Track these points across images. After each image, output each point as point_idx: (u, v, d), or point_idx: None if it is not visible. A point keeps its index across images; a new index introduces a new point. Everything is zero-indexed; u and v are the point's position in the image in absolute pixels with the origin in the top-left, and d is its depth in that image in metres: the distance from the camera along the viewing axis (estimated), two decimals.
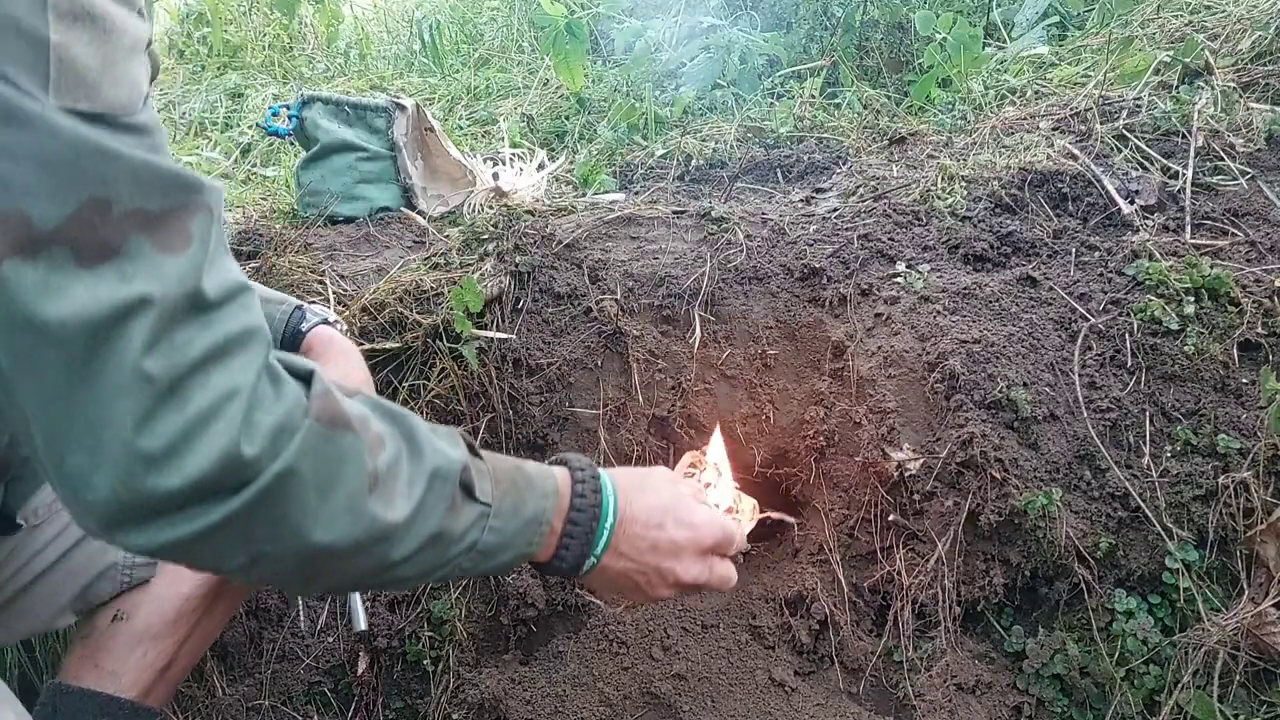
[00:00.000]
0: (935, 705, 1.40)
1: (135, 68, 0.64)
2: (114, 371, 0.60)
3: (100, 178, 0.60)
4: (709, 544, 0.98)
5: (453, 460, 0.77)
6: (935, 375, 1.49)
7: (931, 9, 2.56)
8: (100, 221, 0.60)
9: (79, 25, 0.59)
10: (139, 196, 0.62)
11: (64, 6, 0.58)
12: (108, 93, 0.61)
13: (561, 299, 1.63)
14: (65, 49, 0.58)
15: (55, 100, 0.58)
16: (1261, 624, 1.34)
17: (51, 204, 0.58)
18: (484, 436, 1.55)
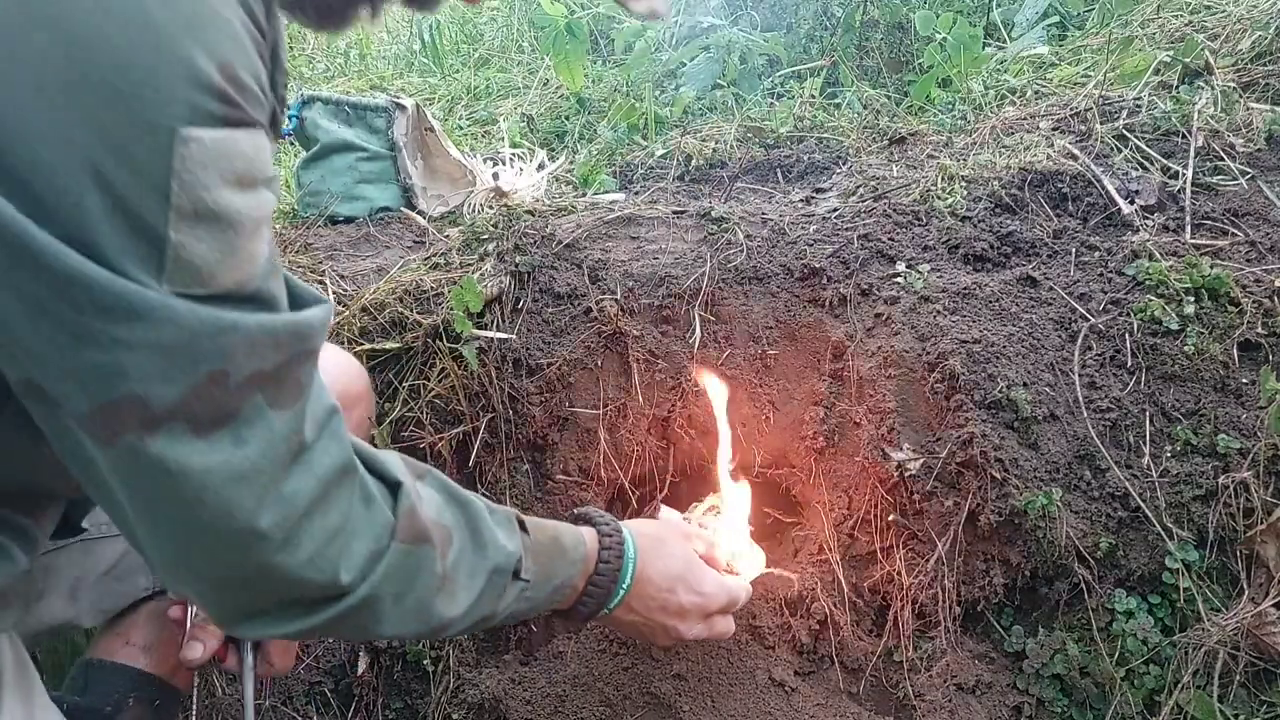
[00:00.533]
0: (935, 705, 1.40)
1: (256, 245, 0.63)
2: (227, 528, 0.65)
3: (218, 352, 0.61)
4: (714, 610, 1.13)
5: (510, 554, 0.88)
6: (935, 375, 1.49)
7: (931, 9, 2.56)
8: (218, 392, 0.62)
9: (200, 224, 0.59)
10: (255, 360, 0.63)
11: (187, 207, 0.58)
12: (223, 278, 0.61)
13: (561, 299, 1.63)
14: (183, 247, 0.58)
15: (168, 287, 0.58)
16: (1261, 624, 1.34)
17: (168, 386, 0.60)
18: (484, 437, 1.55)
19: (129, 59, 0.54)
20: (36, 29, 0.52)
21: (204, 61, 0.57)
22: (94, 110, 0.54)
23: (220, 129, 0.59)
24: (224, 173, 0.59)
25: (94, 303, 0.56)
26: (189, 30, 0.56)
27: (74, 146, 0.54)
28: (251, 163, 0.62)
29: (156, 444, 0.60)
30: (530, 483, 1.59)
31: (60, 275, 0.54)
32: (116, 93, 0.54)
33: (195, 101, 0.57)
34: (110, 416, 0.59)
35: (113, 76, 0.54)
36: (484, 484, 1.58)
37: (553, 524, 1.01)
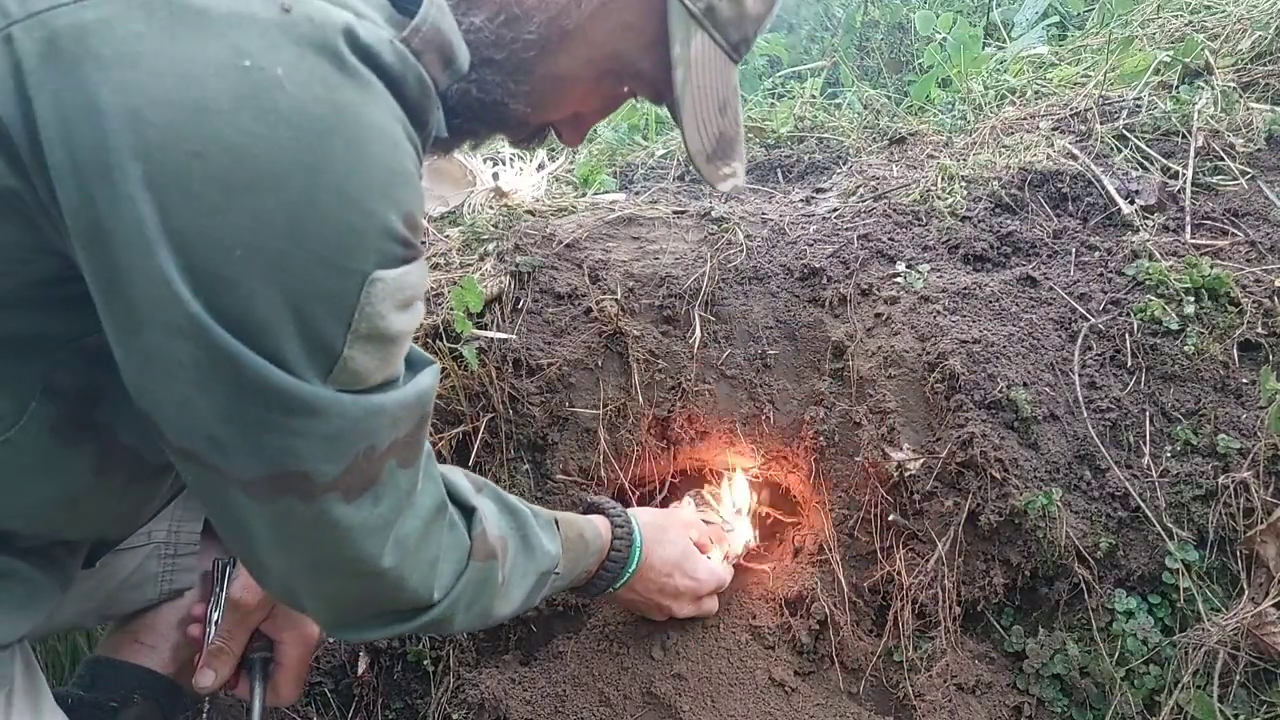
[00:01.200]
0: (935, 705, 1.40)
1: (403, 348, 0.74)
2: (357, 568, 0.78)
3: (370, 432, 0.72)
4: (705, 593, 1.35)
5: (554, 558, 1.05)
6: (935, 375, 1.49)
7: (931, 9, 2.56)
8: (366, 464, 0.73)
9: (371, 343, 0.69)
10: (394, 431, 0.74)
11: (363, 331, 0.68)
12: (376, 377, 0.71)
13: (561, 299, 1.63)
14: (353, 360, 0.68)
15: (333, 385, 0.68)
16: (1261, 624, 1.34)
17: (330, 464, 0.71)
18: (484, 437, 1.55)
19: (337, 220, 0.64)
20: (266, 191, 0.61)
21: (394, 218, 0.67)
22: (301, 258, 0.63)
23: (400, 267, 0.69)
24: (396, 301, 0.69)
25: (279, 402, 0.66)
26: (385, 192, 0.66)
27: (279, 288, 0.63)
28: (415, 288, 0.72)
29: (311, 509, 0.72)
30: (530, 483, 1.59)
31: (255, 381, 0.65)
32: (324, 246, 0.64)
33: (385, 249, 0.67)
34: (277, 484, 0.70)
35: (323, 233, 0.63)
36: None
37: (577, 520, 1.16)
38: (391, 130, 0.66)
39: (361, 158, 0.64)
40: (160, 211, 0.59)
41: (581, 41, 0.83)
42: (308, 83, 0.61)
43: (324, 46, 0.62)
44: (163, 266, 0.60)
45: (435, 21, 0.71)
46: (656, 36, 0.83)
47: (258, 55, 0.60)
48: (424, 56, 0.69)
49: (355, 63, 0.63)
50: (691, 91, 0.84)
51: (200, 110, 0.59)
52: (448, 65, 0.74)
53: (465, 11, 0.79)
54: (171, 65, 0.59)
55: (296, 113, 0.61)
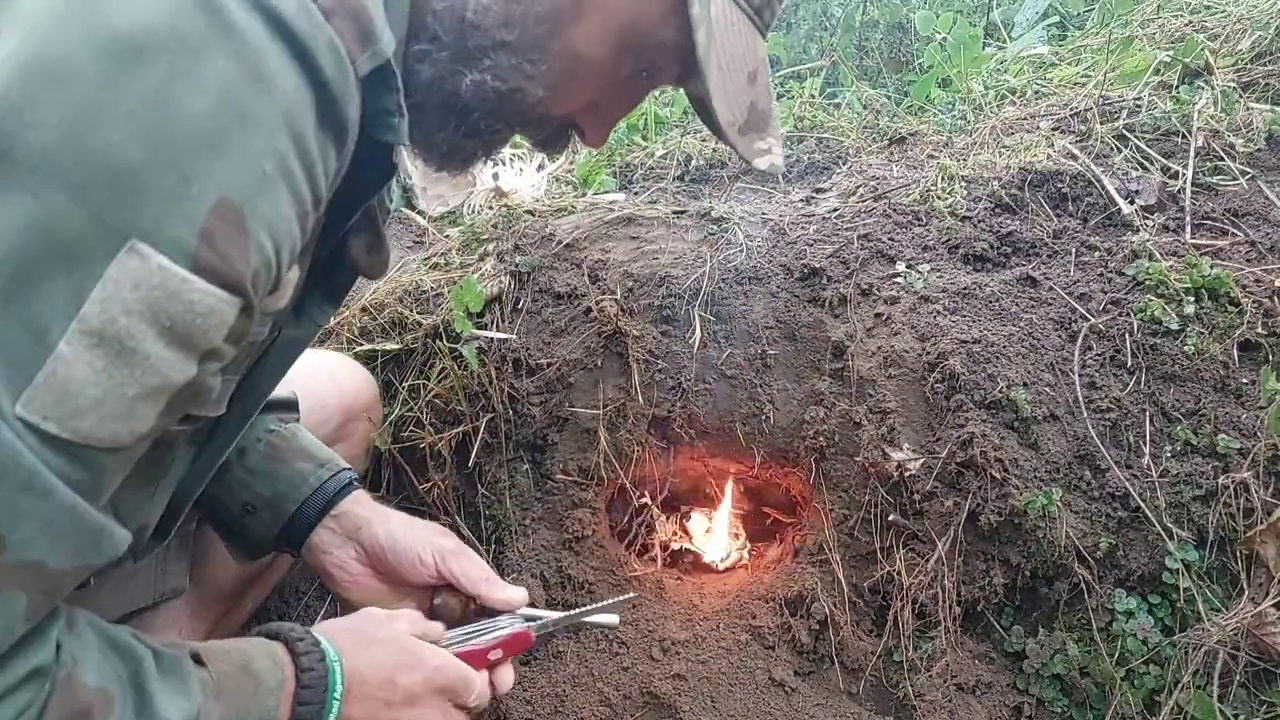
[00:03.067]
0: (935, 705, 1.40)
1: (144, 410, 0.55)
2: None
3: (11, 509, 0.50)
4: (443, 685, 0.94)
5: (188, 709, 0.71)
6: (935, 375, 1.49)
7: (931, 9, 2.56)
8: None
9: (100, 349, 0.51)
10: (43, 546, 0.53)
11: (95, 321, 0.50)
12: (85, 423, 0.52)
13: (561, 299, 1.63)
14: (65, 364, 0.50)
15: (20, 408, 0.49)
16: (1261, 624, 1.34)
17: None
18: (484, 437, 1.55)
19: (116, 153, 0.49)
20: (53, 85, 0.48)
21: (197, 201, 0.51)
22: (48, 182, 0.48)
23: (182, 270, 0.52)
24: (155, 310, 0.52)
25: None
26: (194, 159, 0.51)
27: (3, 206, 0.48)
28: (195, 320, 0.54)
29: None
30: (530, 483, 1.59)
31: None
32: (86, 175, 0.49)
33: (168, 227, 0.51)
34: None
35: (90, 161, 0.49)
36: (484, 484, 1.58)
37: (239, 647, 0.83)
38: (244, 96, 0.52)
39: (180, 101, 0.50)
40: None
41: (595, 10, 0.75)
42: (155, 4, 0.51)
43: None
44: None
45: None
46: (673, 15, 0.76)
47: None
48: (334, 19, 0.57)
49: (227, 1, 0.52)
50: (717, 55, 0.76)
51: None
52: (366, 41, 0.60)
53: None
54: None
55: (121, 13, 0.50)
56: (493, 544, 1.58)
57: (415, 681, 0.92)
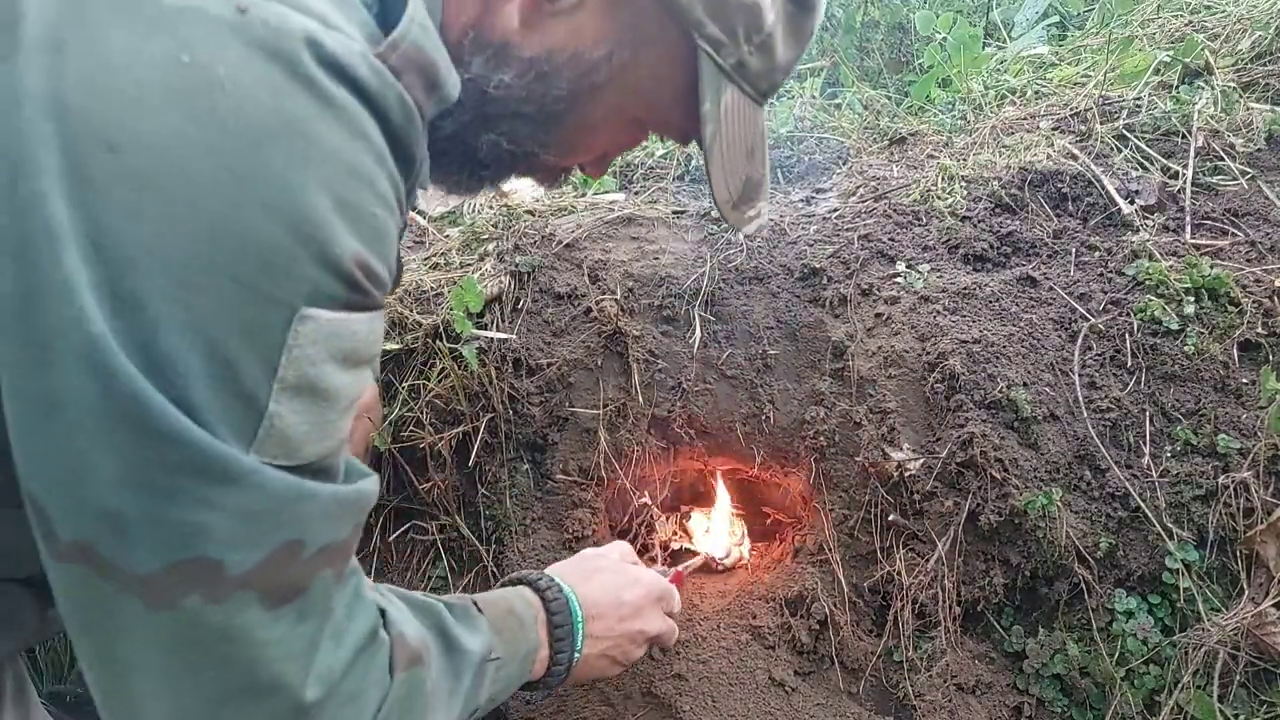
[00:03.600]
0: (935, 705, 1.40)
1: (344, 421, 0.65)
2: (271, 699, 0.63)
3: (296, 521, 0.61)
4: (658, 594, 1.18)
5: (484, 642, 0.90)
6: (935, 375, 1.49)
7: (931, 9, 2.56)
8: (291, 563, 0.62)
9: (302, 399, 0.59)
10: (329, 531, 0.64)
11: (293, 379, 0.58)
12: (308, 450, 0.61)
13: (561, 299, 1.63)
14: (280, 418, 0.58)
15: (255, 455, 0.58)
16: (1261, 624, 1.34)
17: (247, 552, 0.59)
18: (484, 437, 1.55)
19: (264, 238, 0.55)
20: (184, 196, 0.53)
21: (338, 251, 0.58)
22: (218, 279, 0.54)
23: (341, 311, 0.60)
24: (333, 351, 0.60)
25: (190, 462, 0.55)
26: (327, 219, 0.57)
27: (190, 312, 0.54)
28: (361, 343, 0.63)
29: (222, 611, 0.59)
30: (530, 483, 1.59)
31: (160, 430, 0.54)
32: (245, 266, 0.55)
33: (321, 284, 0.58)
34: (180, 576, 0.57)
35: (245, 251, 0.55)
36: (484, 484, 1.58)
37: (501, 596, 1.02)
38: (350, 155, 0.59)
39: (304, 176, 0.56)
40: (72, 211, 0.51)
41: (611, 92, 0.81)
42: (252, 87, 0.55)
43: (278, 53, 0.56)
44: (72, 277, 0.51)
45: (417, 40, 0.64)
46: (686, 88, 0.81)
47: (200, 52, 0.54)
48: (404, 76, 0.63)
49: (316, 74, 0.57)
50: (720, 145, 0.83)
51: (126, 101, 0.52)
52: (432, 89, 0.67)
53: (495, 69, 0.77)
54: (105, 54, 0.53)
55: (234, 115, 0.54)
56: (493, 544, 1.59)
57: (637, 595, 1.15)
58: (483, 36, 0.75)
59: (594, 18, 0.77)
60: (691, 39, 0.78)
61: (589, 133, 0.85)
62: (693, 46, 0.78)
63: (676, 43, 0.79)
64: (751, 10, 0.79)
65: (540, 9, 0.75)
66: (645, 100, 0.83)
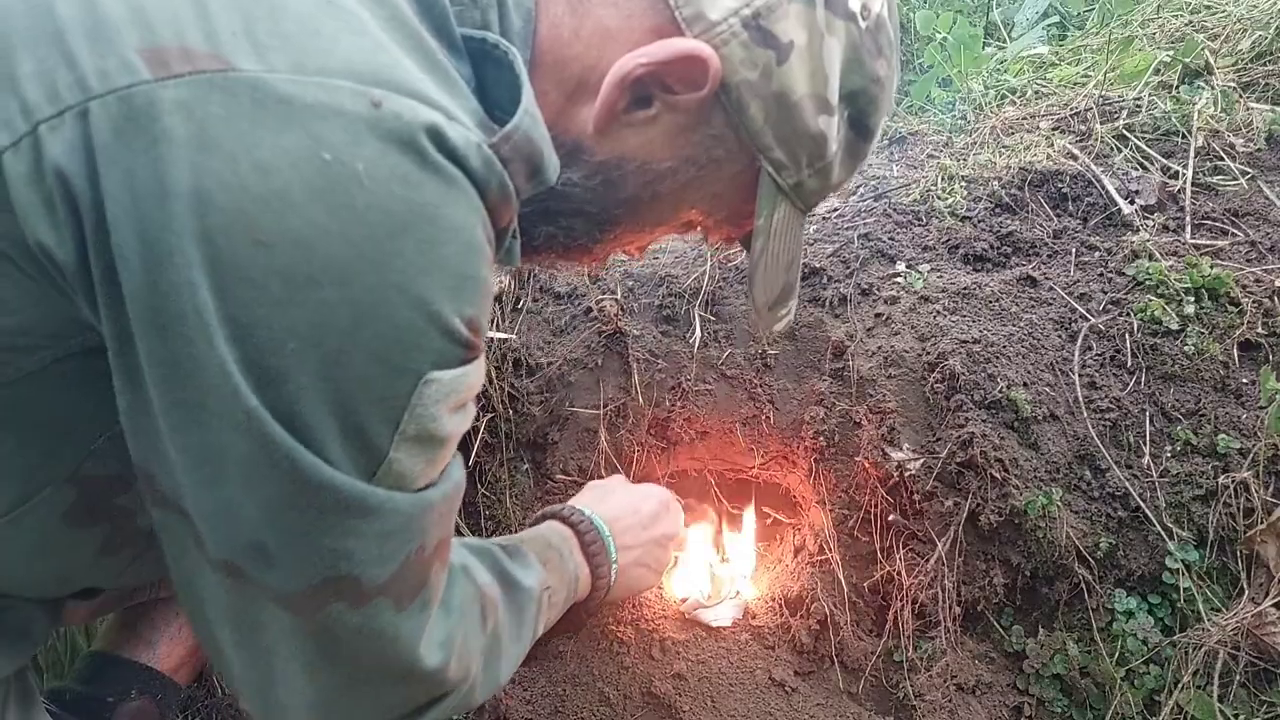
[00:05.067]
0: (935, 705, 1.40)
1: (451, 449, 0.71)
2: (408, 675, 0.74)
3: (421, 529, 0.69)
4: (667, 499, 1.33)
5: (538, 577, 1.01)
6: (935, 375, 1.49)
7: (931, 9, 2.56)
8: (416, 565, 0.70)
9: (418, 445, 0.65)
10: (439, 529, 0.72)
11: (412, 431, 0.64)
12: (421, 480, 0.68)
13: (561, 299, 1.63)
14: (398, 462, 0.65)
15: (376, 484, 0.65)
16: (1261, 624, 1.34)
17: (382, 566, 0.67)
18: (484, 437, 1.55)
19: (400, 320, 0.61)
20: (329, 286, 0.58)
21: (458, 321, 0.63)
22: (357, 356, 0.60)
23: (458, 368, 0.65)
24: (450, 404, 0.66)
25: (335, 502, 0.62)
26: (453, 295, 0.63)
27: (331, 384, 0.60)
28: (470, 390, 0.68)
29: (361, 615, 0.67)
30: (530, 483, 1.59)
31: (310, 480, 0.61)
32: (382, 345, 0.61)
33: (444, 351, 0.64)
34: (324, 592, 0.65)
35: (383, 332, 0.60)
36: (484, 484, 1.58)
37: (536, 533, 1.14)
38: (468, 232, 0.64)
39: (433, 259, 0.61)
40: (219, 299, 0.56)
41: (671, 203, 0.84)
42: (387, 180, 0.59)
43: (409, 144, 0.60)
44: (223, 357, 0.57)
45: (528, 130, 0.68)
46: (742, 202, 0.84)
47: (339, 149, 0.58)
48: (511, 165, 0.67)
49: (440, 160, 0.61)
50: (766, 258, 0.85)
51: (271, 199, 0.56)
52: (534, 175, 0.71)
53: (565, 167, 0.78)
54: (248, 151, 0.56)
55: (371, 209, 0.59)
56: None
57: (652, 504, 1.29)
58: (557, 138, 0.76)
59: (666, 134, 0.78)
60: (756, 161, 0.80)
61: (642, 233, 0.90)
62: (756, 167, 0.81)
63: (740, 164, 0.81)
64: (818, 140, 0.80)
65: (615, 118, 0.76)
66: (702, 210, 0.87)
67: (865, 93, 0.81)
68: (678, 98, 0.75)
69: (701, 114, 0.77)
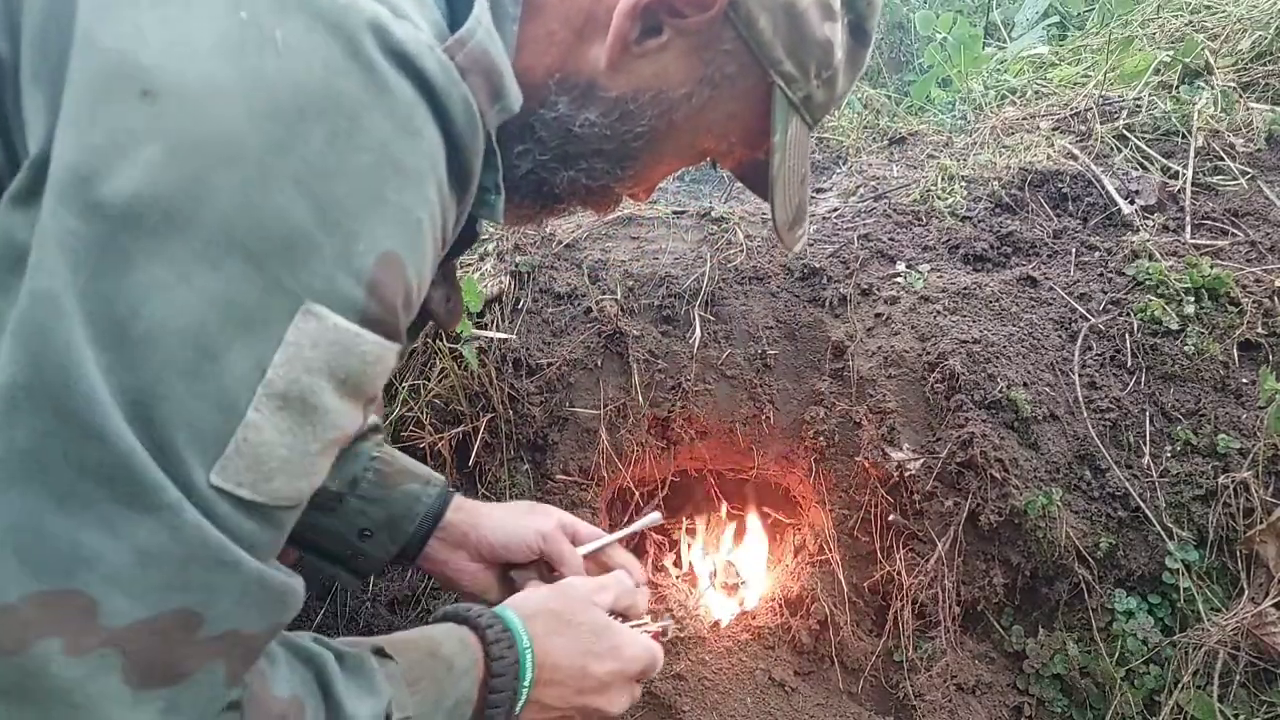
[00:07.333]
0: (935, 705, 1.40)
1: (322, 463, 0.57)
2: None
3: (200, 584, 0.51)
4: (635, 673, 0.96)
5: (380, 701, 0.70)
6: (935, 375, 1.49)
7: (931, 9, 2.56)
8: (179, 639, 0.51)
9: (286, 412, 0.52)
10: (239, 616, 0.53)
11: (280, 385, 0.51)
12: (277, 483, 0.53)
13: (561, 299, 1.63)
14: (257, 430, 0.51)
15: (214, 477, 0.50)
16: (1261, 624, 1.34)
17: (131, 602, 0.48)
18: (484, 437, 1.55)
19: (287, 217, 0.50)
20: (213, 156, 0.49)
21: (367, 258, 0.53)
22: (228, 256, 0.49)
23: (354, 324, 0.53)
24: (334, 366, 0.53)
25: (104, 469, 0.47)
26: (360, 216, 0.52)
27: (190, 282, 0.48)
28: (366, 369, 0.55)
29: (77, 667, 0.47)
30: (530, 483, 1.59)
31: (85, 424, 0.46)
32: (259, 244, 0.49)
33: (338, 284, 0.52)
34: (42, 613, 0.46)
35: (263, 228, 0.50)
36: (484, 484, 1.58)
37: (425, 636, 0.83)
38: (397, 150, 0.54)
39: (346, 164, 0.52)
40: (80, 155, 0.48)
41: (687, 130, 0.83)
42: (306, 55, 0.51)
43: (339, 28, 0.52)
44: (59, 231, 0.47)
45: (482, 42, 0.62)
46: (755, 120, 0.83)
47: (258, 10, 0.51)
48: (469, 77, 0.60)
49: (377, 59, 0.53)
50: (783, 174, 0.85)
51: (168, 45, 0.49)
52: (495, 97, 0.64)
53: (581, 108, 0.77)
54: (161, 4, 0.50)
55: (279, 77, 0.50)
56: None
57: (608, 671, 0.93)
58: (569, 78, 0.76)
59: (679, 58, 0.78)
60: (768, 76, 0.80)
61: (659, 165, 0.88)
62: (768, 83, 0.81)
63: (752, 79, 0.81)
64: (825, 47, 0.81)
65: (627, 51, 0.76)
66: (716, 133, 0.85)
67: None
68: (687, 20, 0.75)
69: (712, 33, 0.76)
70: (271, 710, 0.60)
